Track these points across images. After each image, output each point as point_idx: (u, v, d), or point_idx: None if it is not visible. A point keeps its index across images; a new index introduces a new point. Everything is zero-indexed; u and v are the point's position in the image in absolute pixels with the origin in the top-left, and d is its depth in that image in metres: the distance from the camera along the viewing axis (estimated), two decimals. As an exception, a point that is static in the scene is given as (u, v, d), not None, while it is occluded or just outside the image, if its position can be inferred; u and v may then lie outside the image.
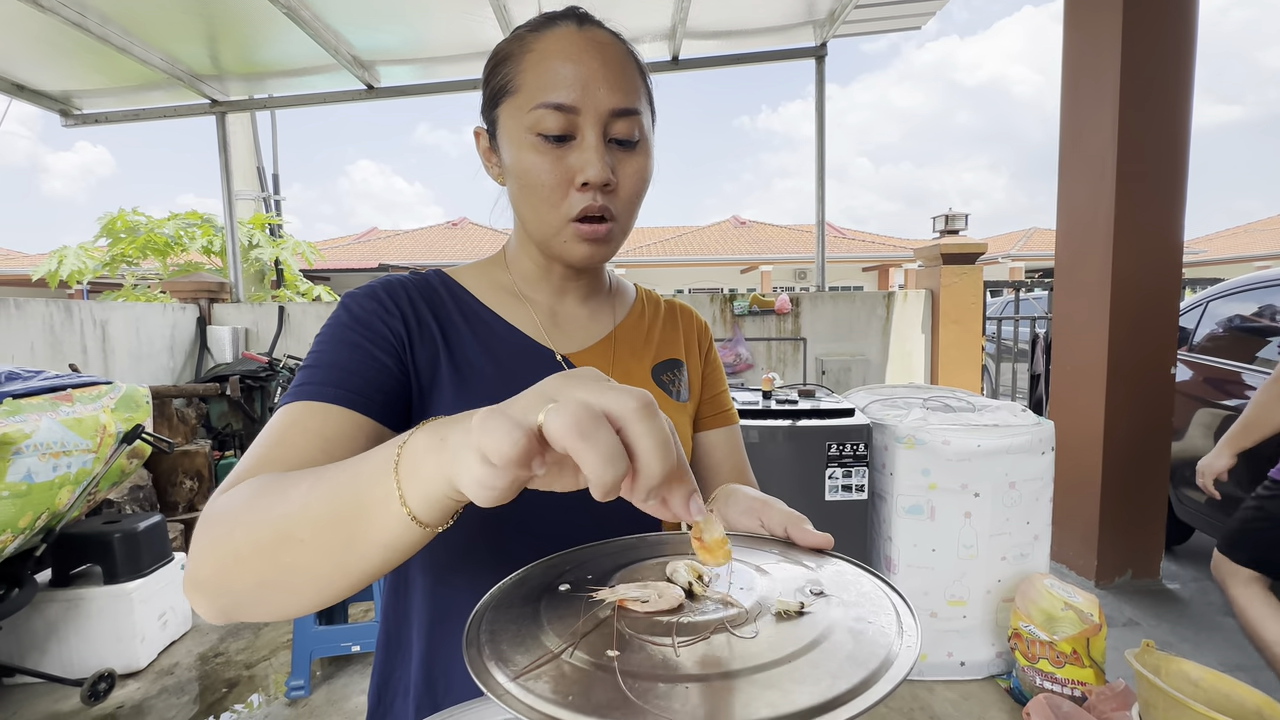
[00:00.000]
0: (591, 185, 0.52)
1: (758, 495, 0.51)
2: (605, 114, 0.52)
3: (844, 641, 0.34)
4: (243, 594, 0.37)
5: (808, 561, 0.44)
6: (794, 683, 0.30)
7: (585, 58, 0.52)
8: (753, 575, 0.42)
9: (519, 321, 0.61)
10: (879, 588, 0.40)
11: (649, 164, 0.57)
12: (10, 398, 1.80)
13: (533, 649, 0.33)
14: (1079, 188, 2.66)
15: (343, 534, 0.34)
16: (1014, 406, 2.06)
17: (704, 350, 0.73)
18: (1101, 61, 2.51)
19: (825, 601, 0.38)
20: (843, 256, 14.34)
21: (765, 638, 0.34)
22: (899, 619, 0.36)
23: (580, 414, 0.27)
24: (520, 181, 0.54)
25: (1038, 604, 1.76)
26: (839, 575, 0.42)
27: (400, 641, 0.59)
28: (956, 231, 4.08)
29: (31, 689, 1.96)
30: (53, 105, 3.74)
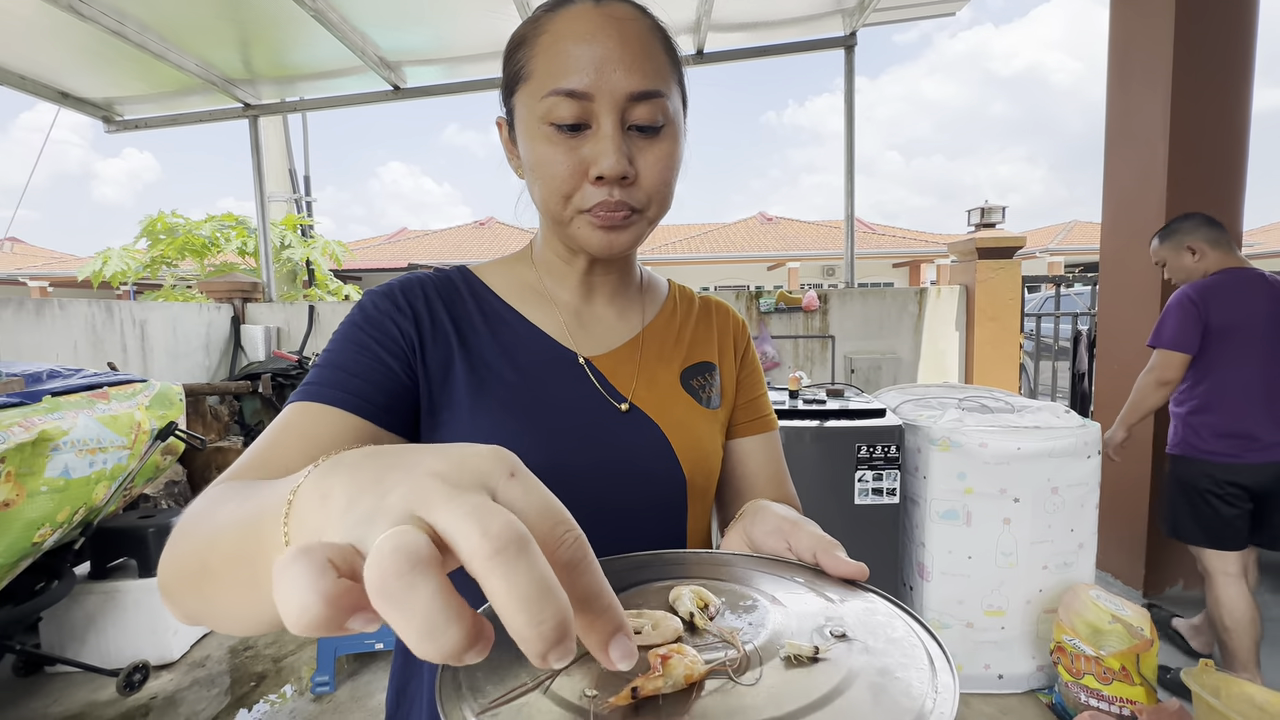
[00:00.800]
0: (607, 179, 0.48)
1: (788, 515, 0.47)
2: (622, 98, 0.47)
3: (861, 699, 0.29)
4: (192, 605, 0.34)
5: (834, 594, 0.39)
6: None
7: (600, 37, 0.47)
8: (767, 608, 0.38)
9: (542, 322, 0.58)
10: (914, 632, 0.35)
11: (675, 151, 0.51)
12: (50, 395, 1.86)
13: (507, 679, 0.30)
14: (1126, 176, 2.53)
15: (246, 573, 0.28)
16: (1056, 407, 1.96)
17: (740, 351, 0.68)
18: (1153, 42, 2.37)
19: (846, 646, 0.33)
20: (872, 252, 14.05)
21: (768, 686, 0.30)
22: (934, 674, 0.31)
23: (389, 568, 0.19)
24: (534, 174, 0.51)
25: (1083, 616, 1.66)
26: (868, 614, 0.37)
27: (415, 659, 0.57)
28: (993, 225, 3.93)
29: (71, 678, 2.02)
30: (96, 112, 3.86)
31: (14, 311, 2.65)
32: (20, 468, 1.66)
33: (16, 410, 1.73)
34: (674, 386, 0.60)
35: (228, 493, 0.36)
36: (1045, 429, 1.80)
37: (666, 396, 0.58)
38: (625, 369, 0.58)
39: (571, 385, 0.56)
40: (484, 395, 0.53)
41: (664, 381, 0.59)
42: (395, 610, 0.19)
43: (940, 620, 1.86)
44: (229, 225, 4.78)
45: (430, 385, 0.53)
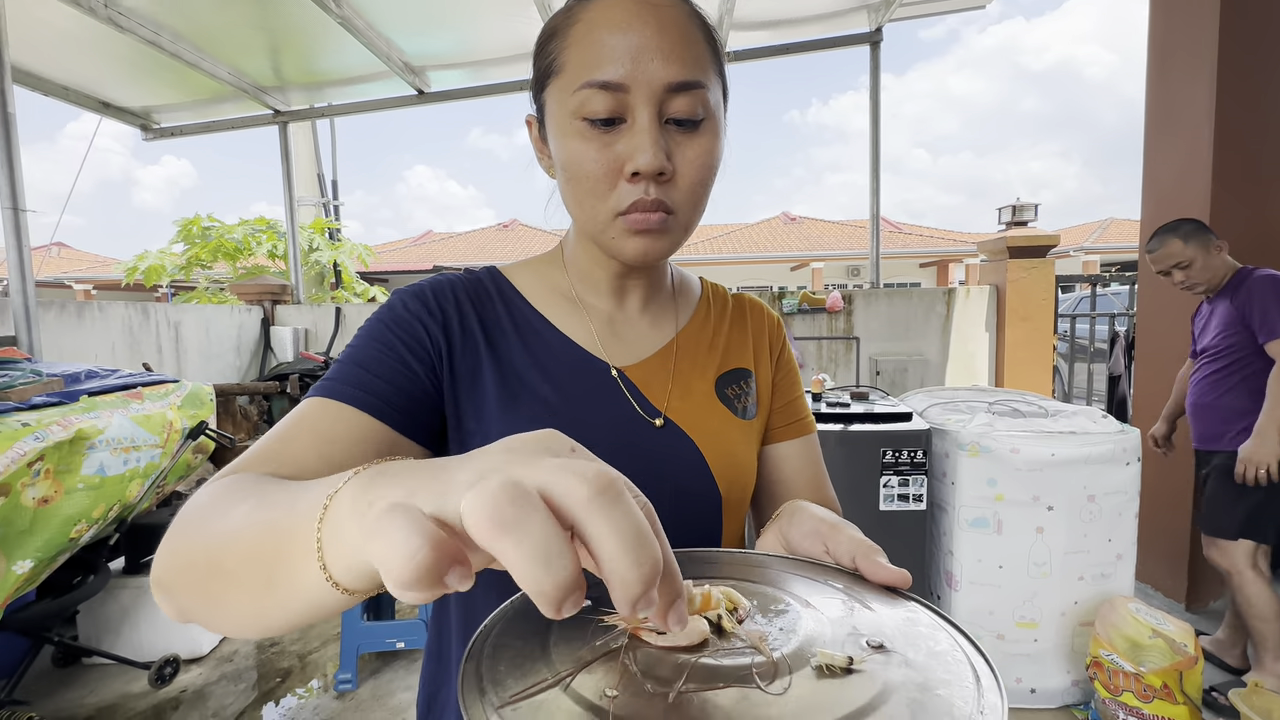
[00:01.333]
0: (643, 175, 0.45)
1: (826, 517, 0.44)
2: (660, 90, 0.45)
3: (898, 714, 0.27)
4: (189, 601, 0.34)
5: (873, 602, 0.37)
6: None
7: (637, 25, 0.45)
8: (799, 613, 0.36)
9: (573, 330, 0.56)
10: (958, 646, 0.33)
11: (716, 146, 0.49)
12: (87, 395, 1.92)
13: (529, 674, 0.30)
14: (1167, 170, 2.42)
15: (263, 575, 0.28)
16: (1093, 412, 1.89)
17: (776, 353, 0.65)
18: (1196, 28, 2.27)
19: (884, 659, 0.31)
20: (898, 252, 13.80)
21: (796, 697, 0.29)
22: (980, 692, 0.29)
23: (501, 497, 0.20)
24: (566, 173, 0.48)
25: (1121, 630, 1.59)
26: (909, 625, 0.35)
27: (443, 656, 0.56)
28: (1025, 223, 3.82)
29: (106, 669, 2.07)
30: (134, 120, 3.99)
31: (57, 314, 2.75)
32: (58, 465, 1.71)
33: (55, 409, 1.79)
34: (709, 397, 0.57)
35: (240, 489, 0.35)
36: (1081, 434, 1.73)
37: (701, 408, 0.56)
38: (659, 379, 0.56)
39: (604, 399, 0.54)
40: (515, 408, 0.51)
41: (698, 391, 0.57)
42: (512, 536, 0.20)
43: (970, 632, 1.80)
44: (260, 229, 4.90)
45: (457, 392, 0.51)
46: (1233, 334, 1.82)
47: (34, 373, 2.01)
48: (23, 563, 1.63)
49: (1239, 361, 1.82)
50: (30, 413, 1.72)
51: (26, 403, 1.77)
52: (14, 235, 2.36)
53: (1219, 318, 1.87)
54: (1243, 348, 1.80)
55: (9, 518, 1.59)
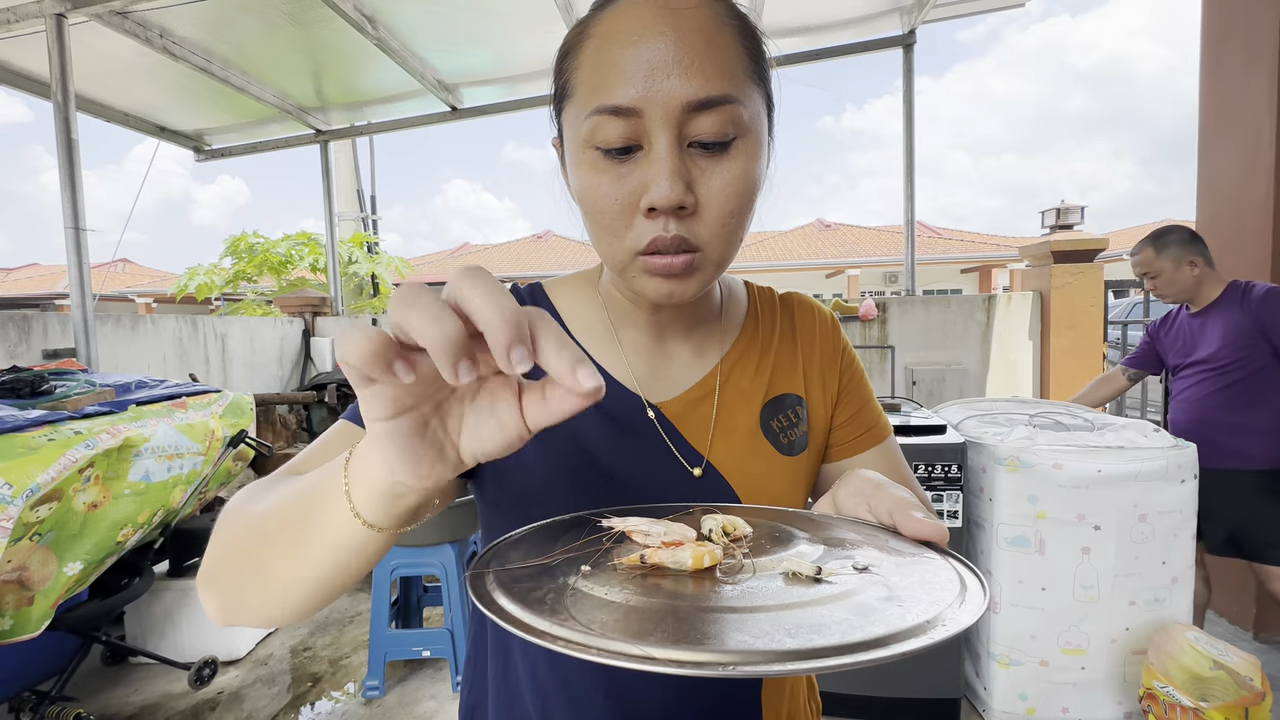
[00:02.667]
0: (660, 210, 0.41)
1: (873, 478, 0.42)
2: (677, 111, 0.39)
3: (839, 613, 0.28)
4: (233, 589, 0.37)
5: (897, 547, 0.35)
6: (749, 629, 0.26)
7: (651, 35, 0.39)
8: (802, 546, 0.36)
9: (609, 362, 0.53)
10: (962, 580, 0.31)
11: (751, 169, 0.42)
12: (135, 405, 2.01)
13: (530, 557, 0.35)
14: (1226, 167, 2.29)
15: (300, 530, 0.33)
16: (1144, 425, 1.78)
17: (837, 360, 0.58)
18: (1254, 17, 2.14)
19: (863, 577, 0.31)
20: (938, 258, 13.42)
21: (749, 589, 0.30)
22: (934, 622, 0.27)
23: (403, 292, 0.26)
24: (582, 207, 0.45)
25: (1178, 660, 1.49)
26: (916, 561, 0.33)
27: (481, 663, 0.56)
28: (1070, 226, 3.67)
29: (150, 669, 2.16)
30: (188, 143, 4.21)
31: (113, 327, 2.90)
32: (107, 472, 1.79)
33: (105, 418, 1.88)
34: (753, 434, 0.53)
35: (276, 481, 0.40)
36: (1130, 449, 1.63)
37: (744, 448, 0.52)
38: (699, 415, 0.52)
39: (639, 445, 0.51)
40: (544, 445, 0.49)
41: (742, 428, 0.53)
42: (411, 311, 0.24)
43: (1010, 657, 1.71)
44: (302, 243, 5.10)
45: None
46: (1243, 347, 1.76)
47: (88, 383, 2.12)
48: (74, 564, 1.71)
49: (1255, 375, 1.76)
50: (82, 421, 1.82)
51: (80, 412, 1.86)
52: (75, 253, 2.51)
53: (1220, 331, 1.81)
54: (1256, 361, 1.76)
55: (61, 521, 1.67)
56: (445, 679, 2.07)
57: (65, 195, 2.50)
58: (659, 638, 0.25)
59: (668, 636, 0.26)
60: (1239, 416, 1.78)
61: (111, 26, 2.68)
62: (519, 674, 0.53)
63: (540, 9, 2.88)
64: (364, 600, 2.68)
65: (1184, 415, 1.89)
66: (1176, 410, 1.93)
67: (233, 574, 0.37)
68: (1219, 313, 1.82)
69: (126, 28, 2.73)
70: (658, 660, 0.24)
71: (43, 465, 1.61)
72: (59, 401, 1.93)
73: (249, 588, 0.36)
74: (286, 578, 0.35)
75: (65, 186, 2.50)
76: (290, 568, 0.34)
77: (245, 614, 0.38)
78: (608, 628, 0.26)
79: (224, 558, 0.37)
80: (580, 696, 0.50)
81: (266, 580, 0.35)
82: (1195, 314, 1.89)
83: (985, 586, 0.30)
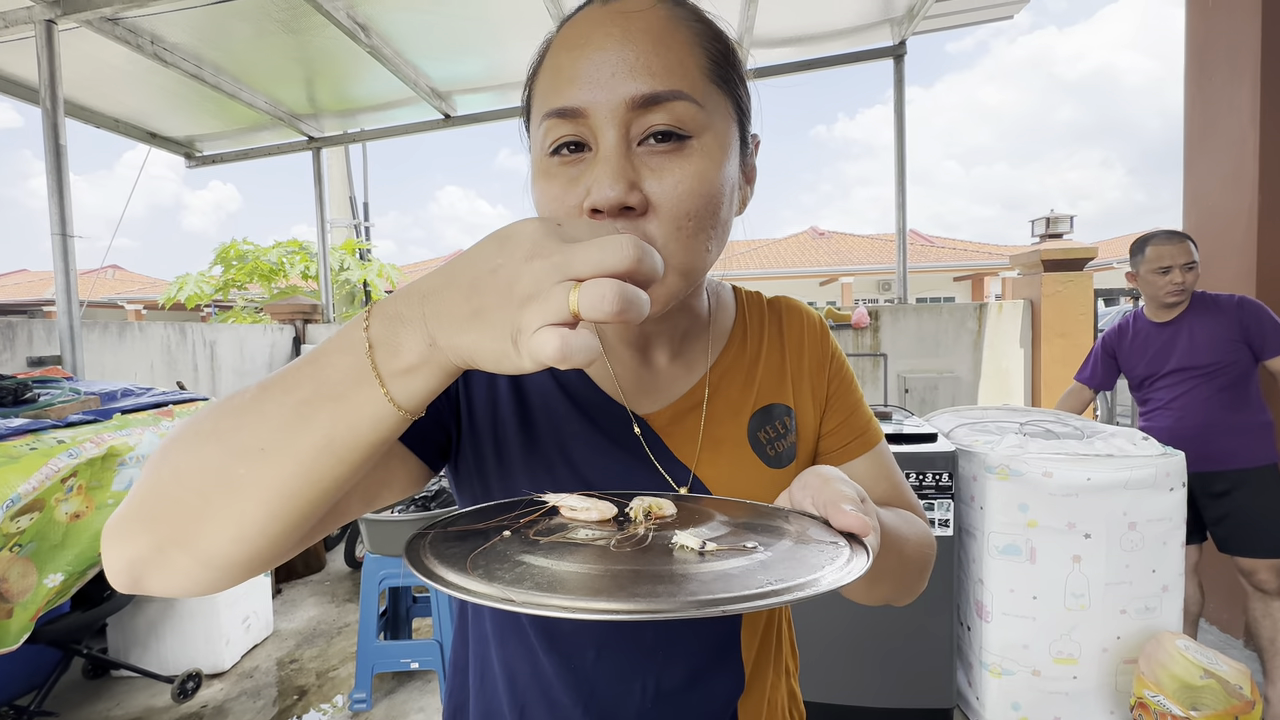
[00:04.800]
0: (604, 212, 0.39)
1: (823, 471, 0.41)
2: (621, 107, 0.38)
3: (706, 581, 0.30)
4: (177, 522, 0.32)
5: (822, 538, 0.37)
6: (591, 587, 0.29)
7: (597, 37, 0.39)
8: (717, 529, 0.39)
9: (595, 373, 0.52)
10: (847, 560, 0.33)
11: (711, 171, 0.41)
12: (120, 413, 1.98)
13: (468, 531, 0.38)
14: (1211, 178, 2.32)
15: (312, 433, 0.30)
16: (1133, 433, 1.79)
17: (826, 365, 0.58)
18: (1237, 31, 2.18)
19: (746, 556, 0.34)
20: (930, 266, 13.52)
21: (631, 555, 0.34)
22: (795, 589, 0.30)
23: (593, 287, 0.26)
24: None
25: (1169, 669, 1.49)
26: (817, 548, 0.35)
27: (463, 668, 0.57)
28: (1060, 235, 3.70)
29: (132, 682, 2.12)
30: (179, 149, 4.20)
31: (100, 334, 2.87)
32: (90, 481, 1.77)
33: (90, 427, 1.85)
34: (740, 445, 0.52)
35: (233, 396, 0.34)
36: (1120, 457, 1.64)
37: (731, 461, 0.52)
38: (686, 428, 0.52)
39: (624, 460, 0.50)
40: (532, 452, 0.50)
41: (730, 440, 0.52)
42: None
43: (1003, 667, 1.70)
44: (293, 250, 5.07)
45: (474, 421, 0.51)
46: (1229, 353, 1.83)
47: (73, 391, 2.09)
48: (54, 576, 1.68)
49: (1242, 378, 1.84)
50: (66, 430, 1.79)
51: (63, 420, 1.84)
52: (62, 259, 2.49)
53: (1205, 338, 1.85)
54: (1242, 364, 1.83)
55: (42, 532, 1.64)
56: (434, 691, 2.04)
57: (53, 201, 2.48)
58: (567, 592, 0.29)
59: (571, 591, 0.29)
60: (1238, 417, 1.84)
61: (102, 33, 2.67)
62: (496, 680, 0.53)
63: (533, 17, 2.89)
64: (352, 611, 2.65)
65: (1175, 422, 1.90)
66: (1163, 418, 1.93)
67: (185, 503, 0.32)
68: (1196, 321, 1.87)
69: (117, 34, 2.72)
70: (515, 602, 0.28)
71: (24, 475, 1.59)
72: (42, 410, 1.90)
73: (210, 520, 0.31)
74: (275, 496, 0.31)
75: (53, 193, 2.48)
76: (292, 480, 0.30)
77: (183, 559, 0.32)
78: (539, 585, 0.29)
79: (166, 483, 0.32)
80: (559, 704, 0.50)
81: (242, 504, 0.31)
82: (1164, 323, 1.92)
83: (869, 556, 0.34)
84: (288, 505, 0.31)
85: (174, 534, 0.32)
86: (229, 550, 0.32)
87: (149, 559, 0.33)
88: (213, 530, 0.32)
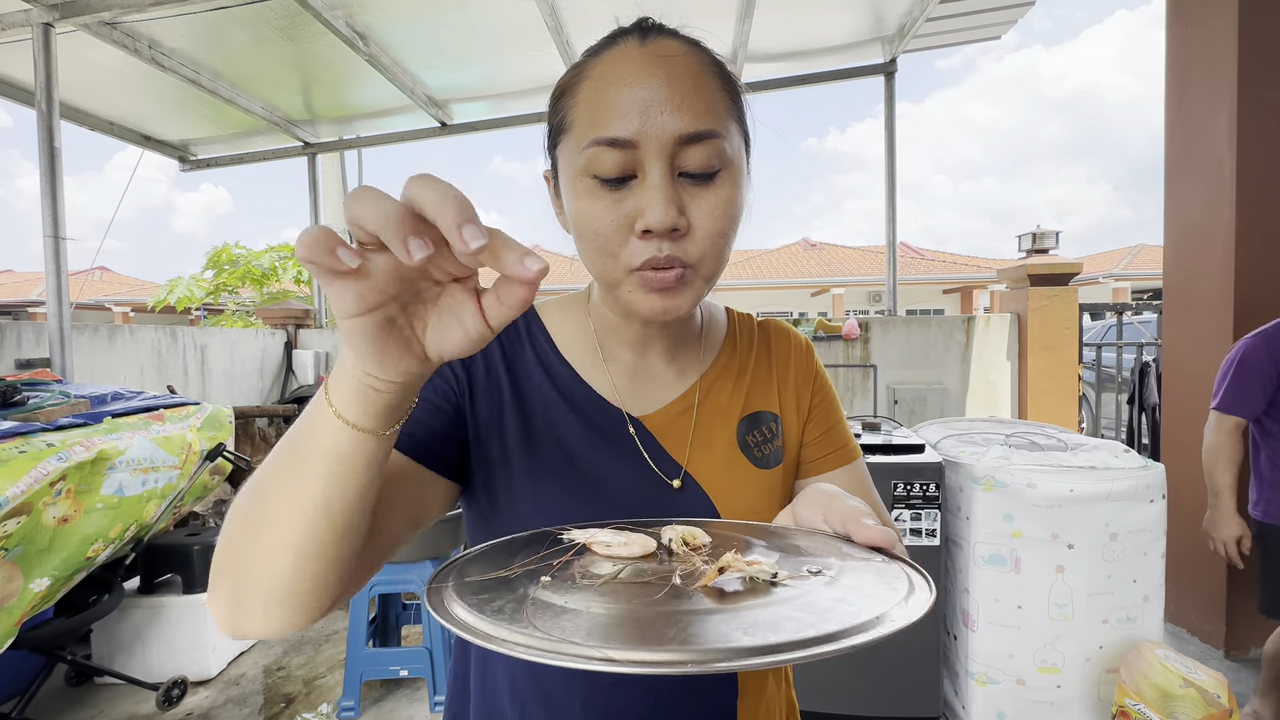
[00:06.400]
0: (655, 232, 0.44)
1: (828, 489, 0.44)
2: (670, 143, 0.44)
3: (790, 613, 0.29)
4: (240, 569, 0.37)
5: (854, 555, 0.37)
6: (678, 630, 0.27)
7: (645, 78, 0.44)
8: (759, 554, 0.37)
9: (595, 379, 0.56)
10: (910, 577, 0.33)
11: (735, 197, 0.47)
12: (111, 416, 1.97)
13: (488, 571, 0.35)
14: (1191, 198, 2.38)
15: (292, 463, 0.35)
16: (1115, 446, 1.82)
17: (810, 381, 0.62)
18: (1214, 58, 2.25)
19: (817, 580, 0.33)
20: (920, 278, 13.67)
21: (707, 594, 0.32)
22: (911, 593, 0.29)
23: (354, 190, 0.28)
24: (577, 230, 0.48)
25: (1149, 678, 1.51)
26: (867, 568, 0.35)
27: (464, 678, 0.58)
28: (1046, 250, 3.77)
29: (116, 689, 2.09)
30: (173, 153, 4.19)
31: (89, 337, 2.86)
32: (79, 485, 1.76)
33: (80, 430, 1.84)
34: (729, 447, 0.56)
35: None
36: (1102, 469, 1.67)
37: (721, 460, 0.55)
38: (678, 428, 0.55)
39: (620, 457, 0.53)
40: (534, 455, 0.52)
41: (720, 441, 0.56)
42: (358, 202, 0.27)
43: (988, 676, 1.72)
44: (286, 255, 5.06)
45: (479, 428, 0.53)
46: None
47: (63, 394, 2.08)
48: (40, 580, 1.67)
49: None
50: (56, 433, 1.78)
51: (53, 424, 1.83)
52: (54, 262, 2.48)
53: None
54: None
55: (29, 536, 1.63)
56: (423, 699, 2.03)
57: (46, 203, 2.48)
58: (620, 641, 0.26)
59: (628, 639, 0.26)
60: None
61: (100, 37, 2.68)
62: (498, 683, 0.54)
63: (531, 28, 2.92)
64: (340, 618, 2.63)
65: None
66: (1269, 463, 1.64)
67: (239, 549, 0.37)
68: None
69: (115, 38, 2.72)
70: (618, 661, 0.25)
71: (12, 478, 1.58)
72: (32, 413, 1.89)
73: (255, 559, 0.36)
74: (287, 523, 0.35)
75: (46, 195, 2.47)
76: (289, 508, 0.35)
77: (253, 600, 0.37)
78: (568, 633, 0.27)
79: (229, 537, 0.37)
80: (558, 706, 0.51)
81: (269, 537, 0.35)
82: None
83: (931, 586, 0.32)
84: (309, 533, 0.35)
85: (238, 579, 0.37)
86: (281, 585, 0.36)
87: (234, 607, 0.38)
88: (262, 568, 0.36)
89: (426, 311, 0.32)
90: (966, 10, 3.28)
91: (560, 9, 2.83)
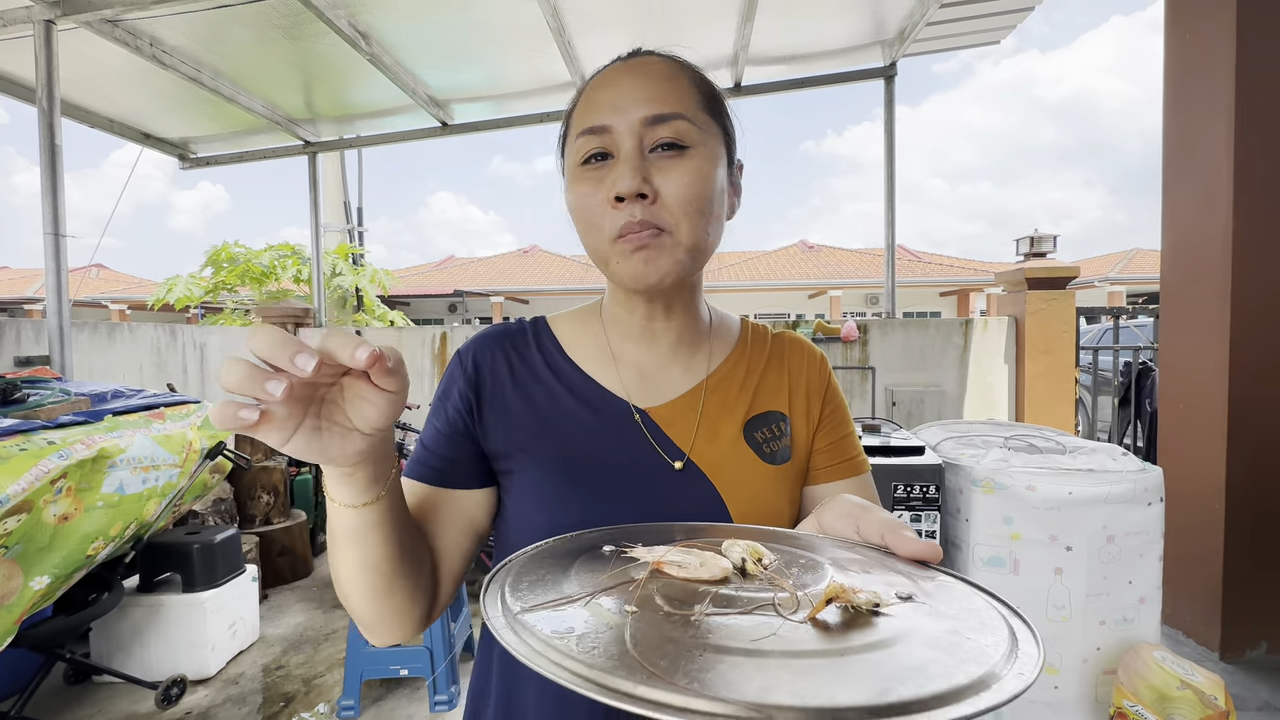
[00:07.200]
0: (626, 199, 0.49)
1: (860, 501, 0.45)
2: (637, 123, 0.50)
3: (921, 651, 0.27)
4: (349, 611, 0.50)
5: (905, 569, 0.36)
6: (837, 678, 0.24)
7: (621, 78, 0.52)
8: (828, 570, 0.36)
9: (601, 375, 0.58)
10: (993, 607, 0.32)
11: (705, 170, 0.51)
12: (111, 415, 1.97)
13: (550, 593, 0.32)
14: (1187, 204, 2.40)
15: (331, 540, 0.47)
16: (1113, 449, 1.83)
17: (821, 391, 0.63)
18: (1213, 63, 2.27)
19: (913, 607, 0.31)
20: (917, 281, 13.71)
21: (819, 626, 0.29)
22: (1014, 643, 0.28)
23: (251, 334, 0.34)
24: (572, 215, 0.54)
25: (1146, 680, 1.53)
26: (942, 589, 0.34)
27: (486, 692, 0.58)
28: (1043, 254, 3.79)
29: (114, 688, 2.09)
30: (173, 151, 4.18)
31: (89, 335, 2.85)
32: (80, 483, 1.75)
33: (80, 428, 1.84)
34: (736, 440, 0.57)
35: None
36: (1100, 472, 1.68)
37: (726, 451, 0.56)
38: (685, 420, 0.57)
39: (623, 440, 0.55)
40: (538, 449, 0.55)
41: (726, 434, 0.57)
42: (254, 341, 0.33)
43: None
44: (285, 254, 5.05)
45: (488, 438, 0.56)
46: None
47: (63, 392, 2.08)
48: (40, 579, 1.67)
49: None
50: (56, 431, 1.78)
51: (54, 421, 1.83)
52: (54, 259, 2.47)
53: None
54: None
55: (30, 534, 1.63)
56: (423, 699, 2.04)
57: (46, 201, 2.47)
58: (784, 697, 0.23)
59: (794, 694, 0.23)
60: None
61: (101, 34, 2.67)
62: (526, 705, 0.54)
63: (533, 28, 2.93)
64: (340, 617, 2.63)
65: None
66: None
67: (340, 594, 0.49)
68: None
69: (116, 35, 2.72)
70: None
71: (13, 476, 1.58)
72: (32, 410, 1.89)
73: (348, 603, 0.49)
74: (349, 580, 0.47)
75: (46, 192, 2.47)
76: (344, 572, 0.47)
77: (362, 625, 0.50)
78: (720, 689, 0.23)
79: (334, 583, 0.50)
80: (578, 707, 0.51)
81: (346, 589, 0.48)
82: None
83: (1033, 632, 0.30)
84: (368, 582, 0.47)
85: (351, 613, 0.50)
86: (368, 616, 0.49)
87: (359, 627, 0.52)
88: (354, 607, 0.49)
89: (340, 402, 0.38)
90: (966, 15, 3.30)
91: (562, 9, 2.84)
